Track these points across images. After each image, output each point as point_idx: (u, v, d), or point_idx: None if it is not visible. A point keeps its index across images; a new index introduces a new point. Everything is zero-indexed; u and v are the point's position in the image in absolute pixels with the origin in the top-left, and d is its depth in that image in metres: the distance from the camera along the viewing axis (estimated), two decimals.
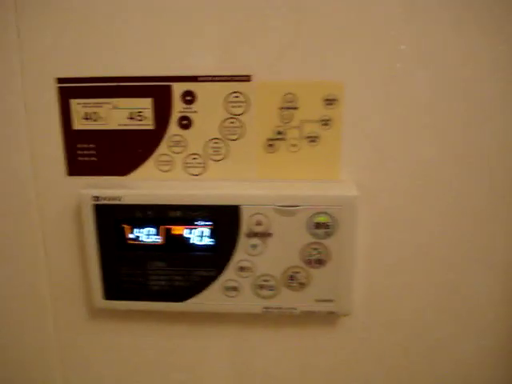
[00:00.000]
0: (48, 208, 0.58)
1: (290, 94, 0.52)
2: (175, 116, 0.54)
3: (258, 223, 0.53)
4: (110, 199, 0.54)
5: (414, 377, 0.61)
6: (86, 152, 0.56)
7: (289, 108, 0.53)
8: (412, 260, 0.57)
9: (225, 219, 0.54)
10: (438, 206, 0.55)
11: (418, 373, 0.61)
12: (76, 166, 0.57)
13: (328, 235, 0.53)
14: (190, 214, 0.54)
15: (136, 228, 0.55)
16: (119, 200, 0.54)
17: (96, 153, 0.56)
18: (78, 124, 0.55)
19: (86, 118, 0.55)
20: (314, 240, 0.53)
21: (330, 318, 0.59)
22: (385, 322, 0.59)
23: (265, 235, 0.53)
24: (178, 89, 0.53)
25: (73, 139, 0.56)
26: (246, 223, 0.53)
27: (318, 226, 0.53)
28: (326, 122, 0.53)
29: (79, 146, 0.56)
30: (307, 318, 0.59)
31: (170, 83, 0.53)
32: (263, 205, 0.53)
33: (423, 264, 0.57)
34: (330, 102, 0.52)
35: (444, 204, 0.55)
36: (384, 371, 0.61)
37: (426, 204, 0.55)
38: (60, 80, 0.54)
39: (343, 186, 0.54)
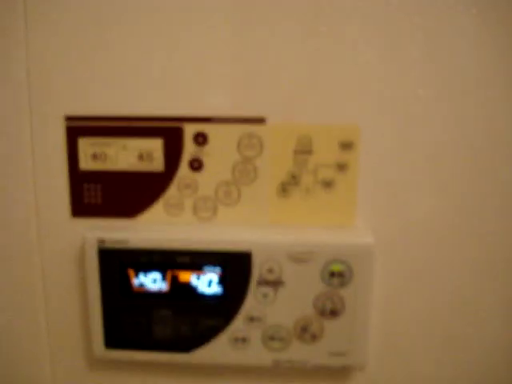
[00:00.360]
0: (50, 250, 0.56)
1: (304, 137, 0.51)
2: (186, 158, 0.53)
3: (270, 271, 0.51)
4: (115, 242, 0.52)
5: None
6: (92, 193, 0.54)
7: (303, 152, 0.52)
8: (430, 312, 0.55)
9: (235, 266, 0.52)
10: (459, 255, 0.53)
11: None
12: (81, 207, 0.55)
13: (343, 284, 0.51)
14: (198, 260, 0.52)
15: (142, 273, 0.53)
16: (126, 243, 0.52)
17: (103, 194, 0.54)
18: (86, 164, 0.54)
19: (94, 158, 0.54)
20: (328, 289, 0.51)
21: (343, 373, 0.57)
22: (401, 378, 0.57)
23: (277, 283, 0.52)
24: (189, 130, 0.52)
25: (79, 179, 0.54)
26: (258, 270, 0.51)
27: (333, 274, 0.51)
28: (341, 167, 0.52)
29: (86, 186, 0.54)
30: (319, 372, 0.56)
31: (182, 124, 0.52)
32: (275, 251, 0.51)
33: (442, 317, 0.55)
34: (345, 146, 0.51)
35: (466, 253, 0.53)
36: None
37: (446, 254, 0.53)
38: (68, 118, 0.53)
39: (359, 234, 0.52)
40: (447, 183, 0.52)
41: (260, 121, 0.51)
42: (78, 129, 0.53)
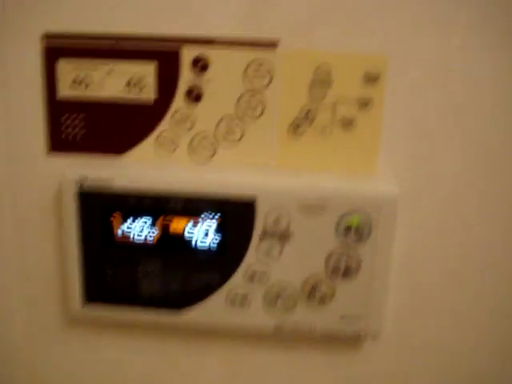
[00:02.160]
0: (22, 192, 0.50)
1: (323, 66, 0.45)
2: (183, 86, 0.46)
3: (277, 221, 0.45)
4: (98, 182, 0.46)
5: None
6: (72, 125, 0.48)
7: (321, 84, 0.45)
8: (458, 274, 0.49)
9: (236, 214, 0.46)
10: (491, 209, 0.47)
11: None
12: (59, 142, 0.49)
13: (360, 240, 0.45)
14: (193, 206, 0.46)
15: (128, 220, 0.47)
16: (109, 184, 0.46)
17: (85, 126, 0.48)
18: (65, 90, 0.47)
19: (76, 84, 0.47)
20: (342, 245, 0.46)
21: (354, 340, 0.51)
22: (420, 349, 0.52)
23: (284, 236, 0.46)
24: (188, 53, 0.45)
25: (57, 108, 0.48)
26: (262, 221, 0.45)
27: (349, 228, 0.45)
28: (364, 103, 0.46)
29: (65, 117, 0.48)
30: (327, 340, 0.51)
31: (179, 46, 0.45)
32: (284, 199, 0.45)
33: (472, 280, 0.49)
34: (370, 78, 0.45)
35: (498, 206, 0.47)
36: None
37: (480, 209, 0.47)
38: (47, 36, 0.46)
39: (381, 182, 0.46)
40: (488, 124, 0.46)
41: (271, 45, 0.45)
42: (57, 49, 0.46)
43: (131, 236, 0.47)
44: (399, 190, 0.45)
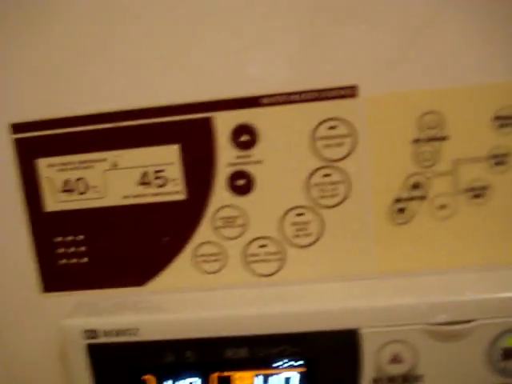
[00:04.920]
0: (14, 350, 0.36)
1: (431, 113, 0.30)
2: (222, 172, 0.32)
3: (396, 359, 0.30)
4: (117, 334, 0.31)
5: None
6: (70, 250, 0.34)
7: (431, 140, 0.30)
8: None
9: (331, 356, 0.31)
10: None
11: None
12: (55, 276, 0.35)
13: None
14: (264, 350, 0.31)
15: (167, 382, 0.32)
16: (134, 334, 0.31)
17: (88, 250, 0.34)
18: (54, 201, 0.33)
19: (67, 191, 0.33)
20: (503, 382, 0.30)
21: None
22: None
23: (409, 381, 0.30)
24: (224, 122, 0.31)
25: (46, 229, 0.34)
26: (372, 361, 0.31)
27: (509, 354, 0.30)
28: (500, 160, 0.30)
29: (58, 239, 0.34)
30: None
31: (210, 114, 0.31)
32: (403, 325, 0.30)
33: None
34: (506, 121, 0.30)
35: None
36: None
37: None
38: (17, 127, 0.32)
39: None
40: None
41: (348, 93, 0.30)
42: (34, 143, 0.33)
43: None
44: None
